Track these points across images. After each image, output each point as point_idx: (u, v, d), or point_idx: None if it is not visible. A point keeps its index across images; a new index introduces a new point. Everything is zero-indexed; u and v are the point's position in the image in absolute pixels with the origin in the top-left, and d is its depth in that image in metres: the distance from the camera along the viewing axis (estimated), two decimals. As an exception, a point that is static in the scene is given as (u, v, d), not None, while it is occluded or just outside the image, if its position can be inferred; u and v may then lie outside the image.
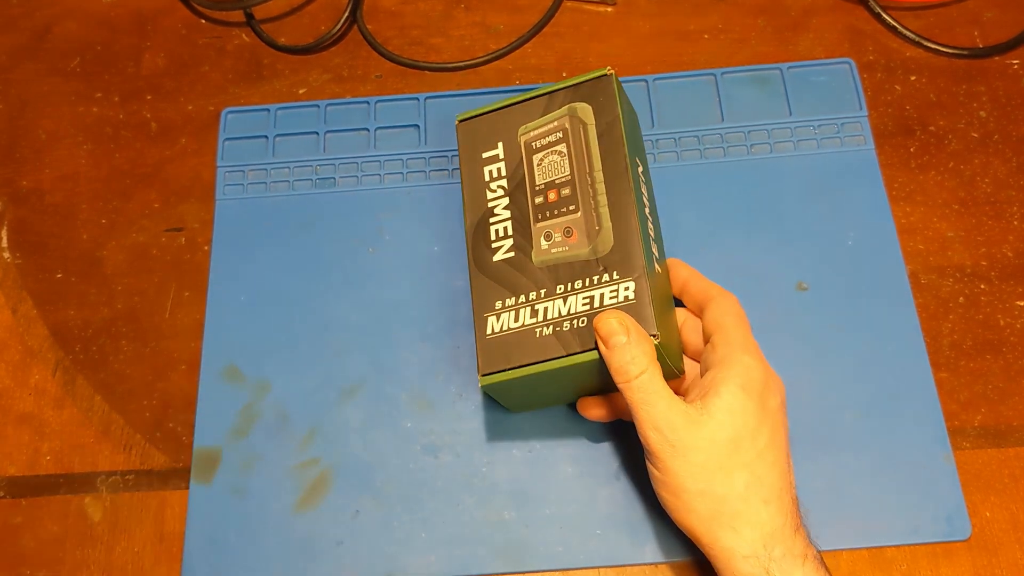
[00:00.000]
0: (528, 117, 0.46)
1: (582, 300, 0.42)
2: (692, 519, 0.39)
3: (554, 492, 0.46)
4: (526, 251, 0.44)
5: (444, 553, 0.45)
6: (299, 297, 0.51)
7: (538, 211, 0.44)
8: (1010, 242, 0.52)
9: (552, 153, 0.45)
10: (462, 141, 0.47)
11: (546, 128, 0.45)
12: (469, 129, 0.47)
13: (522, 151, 0.46)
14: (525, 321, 0.42)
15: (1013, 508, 0.46)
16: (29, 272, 0.53)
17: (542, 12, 0.59)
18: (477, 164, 0.46)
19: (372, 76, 0.58)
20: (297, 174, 0.55)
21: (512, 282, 0.43)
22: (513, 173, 0.45)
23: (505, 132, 0.46)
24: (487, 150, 0.46)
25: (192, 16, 0.61)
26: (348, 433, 0.48)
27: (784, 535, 0.38)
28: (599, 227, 0.43)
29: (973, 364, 0.49)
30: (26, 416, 0.50)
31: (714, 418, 0.38)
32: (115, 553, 0.47)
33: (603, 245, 0.42)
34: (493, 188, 0.46)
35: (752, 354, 0.40)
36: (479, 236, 0.45)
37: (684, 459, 0.38)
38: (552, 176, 0.44)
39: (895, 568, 0.45)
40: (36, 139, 0.57)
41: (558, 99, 0.46)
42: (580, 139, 0.44)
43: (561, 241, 0.43)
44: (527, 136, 0.46)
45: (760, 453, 0.39)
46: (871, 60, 0.57)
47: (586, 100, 0.45)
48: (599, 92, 0.45)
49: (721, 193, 0.53)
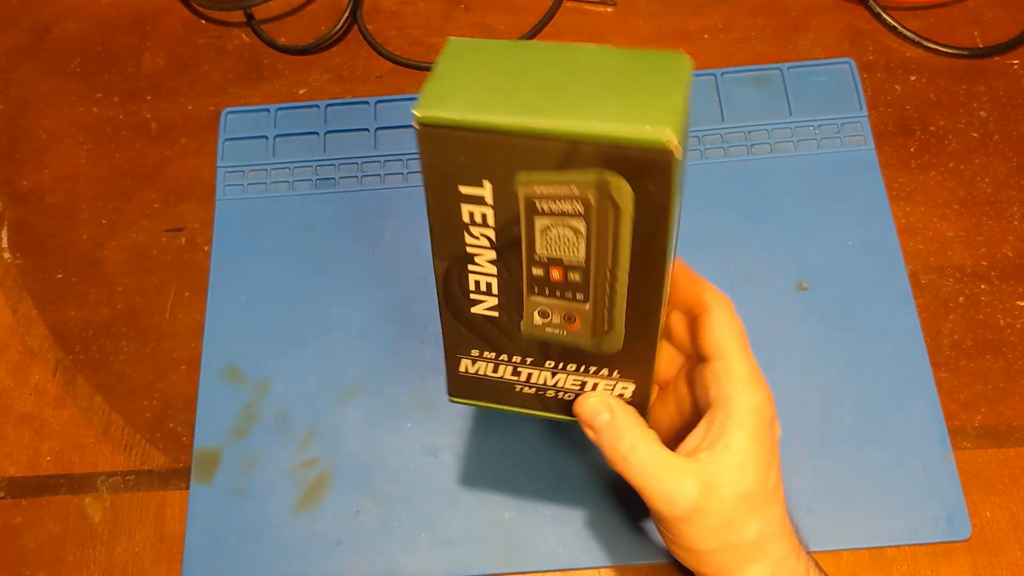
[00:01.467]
0: (535, 163, 0.30)
1: (573, 380, 0.37)
2: (704, 569, 0.38)
3: (554, 492, 0.46)
4: (513, 318, 0.35)
5: (444, 553, 0.45)
6: (299, 297, 0.51)
7: (535, 283, 0.34)
8: (1010, 242, 0.52)
9: (564, 227, 0.32)
10: (427, 161, 0.31)
11: (560, 191, 0.30)
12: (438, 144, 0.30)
13: (521, 207, 0.31)
14: (505, 376, 0.37)
15: (1013, 508, 0.46)
16: (29, 272, 0.53)
17: (542, 12, 0.59)
18: (451, 198, 0.32)
19: (372, 76, 0.58)
20: (297, 174, 0.55)
21: (493, 340, 0.36)
22: (504, 228, 0.32)
23: (495, 168, 0.30)
24: (467, 184, 0.31)
25: (192, 16, 0.61)
26: (348, 433, 0.48)
27: (789, 561, 0.38)
28: (608, 328, 0.34)
29: (973, 364, 0.49)
30: (26, 416, 0.50)
31: (727, 476, 0.36)
32: (115, 553, 0.47)
33: (609, 345, 0.35)
34: (475, 234, 0.33)
35: (759, 388, 0.37)
36: (453, 280, 0.35)
37: (698, 526, 0.37)
38: (560, 254, 0.33)
39: (895, 568, 0.45)
40: (36, 139, 0.57)
41: (584, 157, 0.29)
42: (607, 225, 0.31)
43: (559, 324, 0.35)
44: (529, 191, 0.31)
45: (768, 497, 0.38)
46: (871, 60, 0.57)
47: (626, 174, 0.29)
48: (647, 174, 0.29)
49: (721, 193, 0.53)
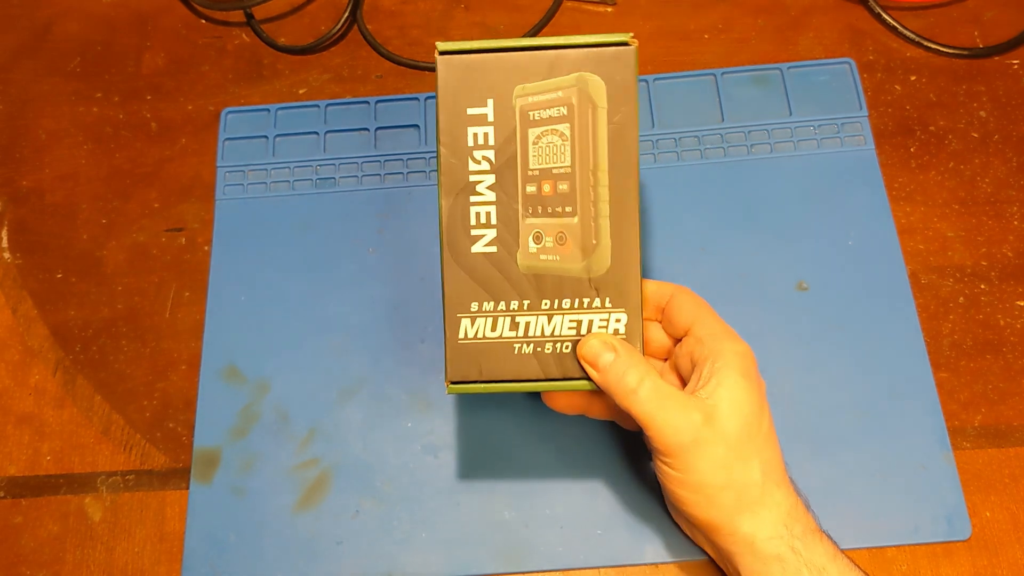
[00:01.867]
0: (527, 74, 0.38)
1: (568, 322, 0.39)
2: (713, 512, 0.39)
3: (554, 492, 0.46)
4: (510, 249, 0.39)
5: (444, 553, 0.45)
6: (299, 297, 0.51)
7: (529, 203, 0.39)
8: (1010, 242, 0.52)
9: (552, 133, 0.38)
10: (444, 84, 0.38)
11: (548, 97, 0.38)
12: (454, 69, 0.38)
13: (516, 120, 0.38)
14: (503, 333, 0.39)
15: (1013, 508, 0.46)
16: (29, 272, 0.53)
17: (542, 12, 0.59)
18: (460, 121, 0.38)
19: (372, 76, 0.58)
20: (297, 174, 0.55)
21: (492, 283, 0.39)
22: (503, 145, 0.38)
23: (498, 87, 0.38)
24: (474, 105, 0.38)
25: (192, 16, 0.61)
26: (348, 433, 0.48)
27: (799, 512, 0.39)
28: (596, 242, 0.38)
29: (973, 364, 0.49)
30: (26, 416, 0.50)
31: (725, 409, 0.38)
32: (115, 553, 0.47)
33: (598, 264, 0.39)
34: (477, 158, 0.38)
35: (738, 341, 0.40)
36: (457, 217, 0.39)
37: (706, 455, 0.38)
38: (550, 163, 0.38)
39: (895, 568, 0.45)
40: (36, 139, 0.57)
41: (566, 61, 0.38)
42: (588, 123, 0.38)
43: (552, 248, 0.39)
44: (524, 101, 0.38)
45: (766, 437, 0.39)
46: (871, 60, 0.57)
47: (599, 72, 0.38)
48: (616, 66, 0.38)
49: (721, 193, 0.53)
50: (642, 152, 0.54)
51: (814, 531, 0.39)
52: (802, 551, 0.38)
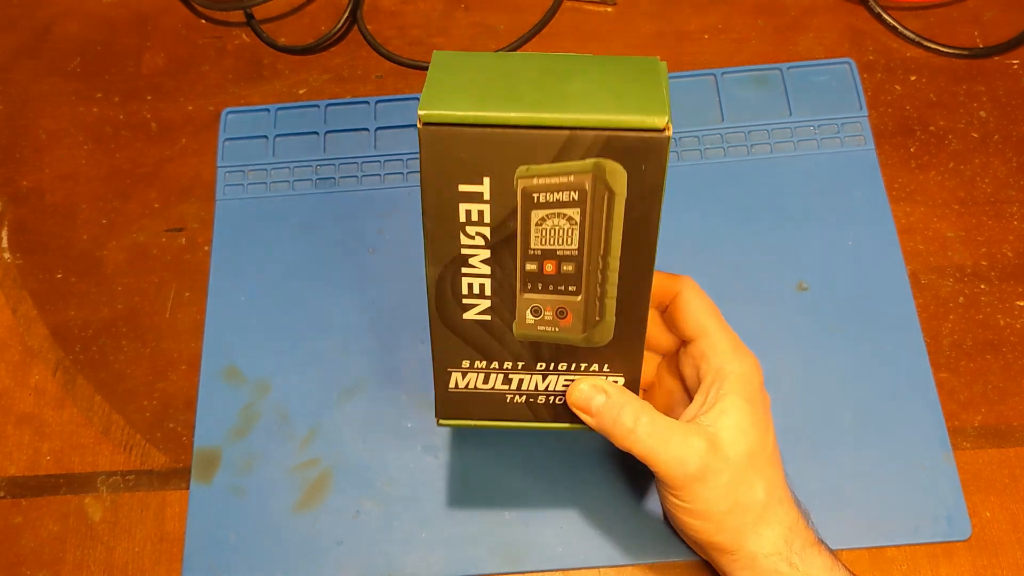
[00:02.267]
0: (532, 155, 0.32)
1: (564, 381, 0.38)
2: (719, 536, 0.39)
3: (554, 492, 0.46)
4: (505, 319, 0.36)
5: (444, 553, 0.45)
6: (299, 297, 0.51)
7: (528, 279, 0.35)
8: (1010, 242, 0.52)
9: (559, 216, 0.33)
10: (428, 159, 0.32)
11: (558, 181, 0.32)
12: (440, 142, 0.32)
13: (518, 201, 0.33)
14: (496, 386, 0.38)
15: (1013, 508, 0.46)
16: (29, 272, 0.53)
17: (542, 12, 0.59)
18: (449, 197, 0.33)
19: (372, 76, 0.58)
20: (297, 174, 0.55)
21: (485, 347, 0.37)
22: (501, 224, 0.34)
23: (496, 165, 0.32)
24: (466, 183, 0.33)
25: (192, 16, 0.61)
26: (348, 433, 0.48)
27: (800, 527, 0.39)
28: (600, 318, 0.36)
29: (973, 364, 0.49)
30: (26, 416, 0.50)
31: (728, 436, 0.38)
32: (115, 553, 0.47)
33: (600, 336, 0.37)
34: (470, 233, 0.34)
35: (744, 356, 0.40)
36: (446, 286, 0.36)
37: (711, 484, 0.38)
38: (554, 245, 0.34)
39: (895, 568, 0.45)
40: (36, 139, 0.57)
41: (582, 144, 0.31)
42: (602, 211, 0.33)
43: (551, 321, 0.36)
44: (528, 183, 0.33)
45: (769, 458, 0.39)
46: (871, 60, 0.57)
47: (621, 159, 0.32)
48: (642, 156, 0.32)
49: (721, 193, 0.53)
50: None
51: (813, 544, 0.39)
52: (799, 565, 0.38)
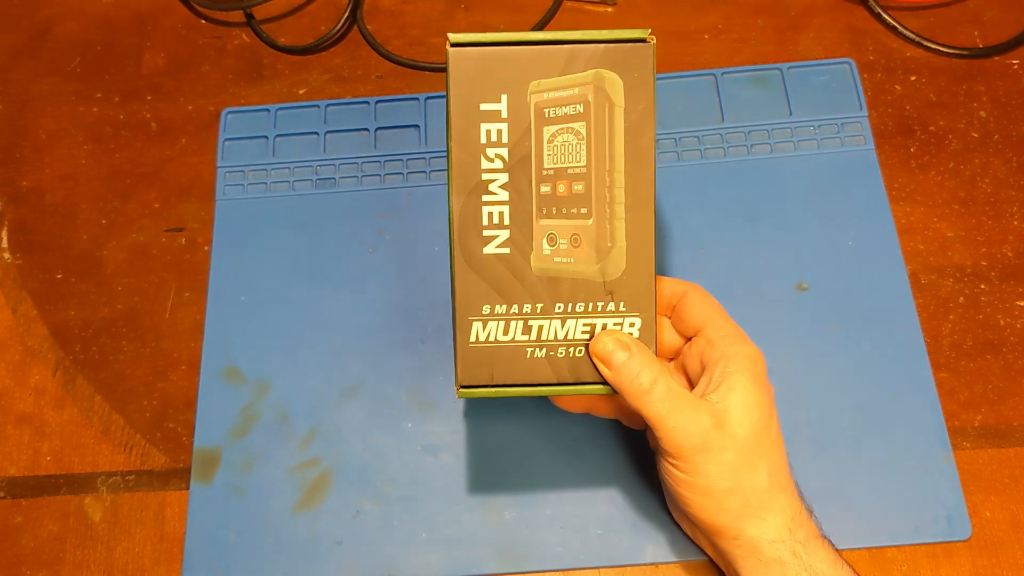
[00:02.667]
0: (542, 70, 0.37)
1: (582, 327, 0.38)
2: (720, 516, 0.39)
3: (554, 492, 0.46)
4: (523, 251, 0.38)
5: (444, 553, 0.45)
6: (299, 297, 0.51)
7: (543, 203, 0.37)
8: (1010, 242, 0.52)
9: (568, 131, 0.37)
10: (456, 78, 0.37)
11: (565, 94, 0.37)
12: (467, 62, 0.37)
13: (531, 117, 0.37)
14: (516, 337, 0.38)
15: (1013, 508, 0.46)
16: (29, 272, 0.53)
17: (542, 12, 0.59)
18: (472, 117, 0.37)
19: (372, 76, 0.58)
20: (297, 174, 0.55)
21: (504, 286, 0.38)
22: (517, 143, 0.37)
23: (512, 82, 0.37)
24: (487, 101, 0.37)
25: (192, 16, 0.61)
26: (348, 433, 0.48)
27: (803, 518, 0.39)
28: (611, 244, 0.37)
29: (973, 364, 0.49)
30: (26, 416, 0.50)
31: (735, 414, 0.38)
32: (115, 553, 0.47)
33: (613, 267, 0.38)
34: (490, 156, 0.37)
35: (748, 344, 0.40)
36: (468, 217, 0.37)
37: (715, 459, 0.38)
38: (565, 162, 0.37)
39: (895, 568, 0.45)
40: (36, 139, 0.57)
41: (582, 57, 0.37)
42: (604, 123, 0.37)
43: (567, 250, 0.38)
44: (539, 98, 0.37)
45: (773, 442, 0.39)
46: (871, 60, 0.57)
47: (616, 69, 0.37)
48: (634, 63, 0.37)
49: (721, 193, 0.53)
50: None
51: (816, 536, 0.39)
52: (803, 555, 0.38)
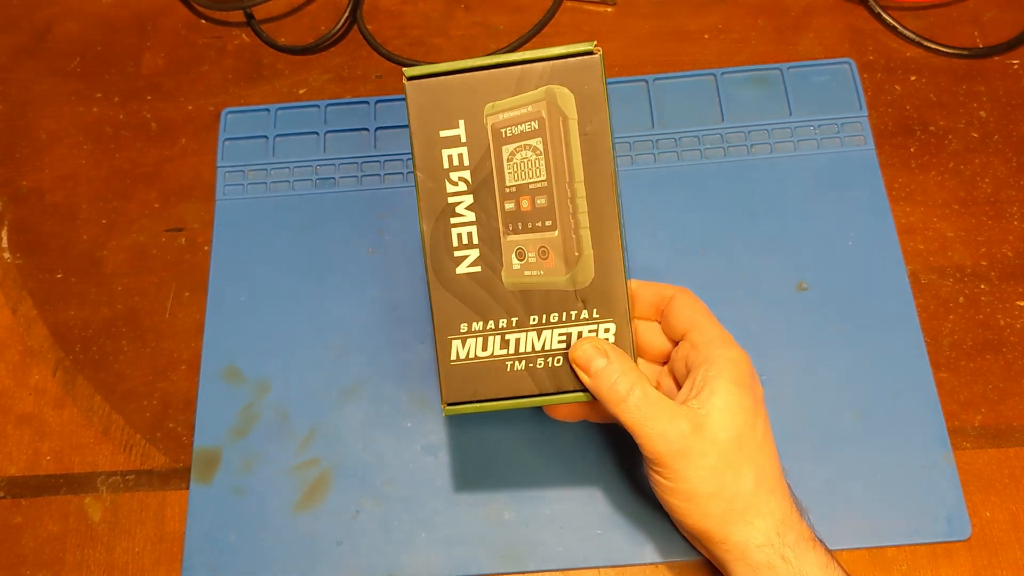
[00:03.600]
0: (496, 92, 0.38)
1: (558, 336, 0.39)
2: (705, 521, 0.39)
3: (554, 492, 0.46)
4: (495, 268, 0.39)
5: (444, 553, 0.45)
6: (299, 297, 0.51)
7: (509, 220, 0.39)
8: (1010, 242, 0.52)
9: (525, 148, 0.38)
10: (414, 109, 0.39)
11: (519, 113, 0.38)
12: (423, 94, 0.39)
13: (489, 138, 0.38)
14: (495, 352, 0.39)
15: (1013, 508, 0.46)
16: (29, 272, 0.53)
17: (542, 12, 0.59)
18: (433, 145, 0.39)
19: (372, 76, 0.58)
20: (297, 174, 0.55)
21: (479, 303, 0.39)
22: (478, 165, 0.39)
23: (467, 107, 0.38)
24: (446, 128, 0.39)
25: (192, 16, 0.61)
26: (348, 433, 0.48)
27: (793, 521, 0.39)
28: (579, 253, 0.39)
29: (973, 364, 0.49)
30: (26, 416, 0.50)
31: (716, 418, 0.38)
32: (115, 553, 0.47)
33: (583, 275, 0.39)
34: (454, 180, 0.39)
35: (733, 347, 0.40)
36: (439, 241, 0.39)
37: (696, 464, 0.38)
38: (526, 178, 0.38)
39: (895, 568, 0.45)
40: (36, 139, 0.57)
41: (533, 76, 0.38)
42: (559, 136, 0.38)
43: (536, 263, 0.39)
44: (495, 119, 0.38)
45: (759, 445, 0.39)
46: (871, 60, 0.57)
47: (567, 84, 0.38)
48: (583, 76, 0.38)
49: (721, 193, 0.53)
50: (642, 152, 0.54)
51: (807, 539, 0.39)
52: (792, 560, 0.38)
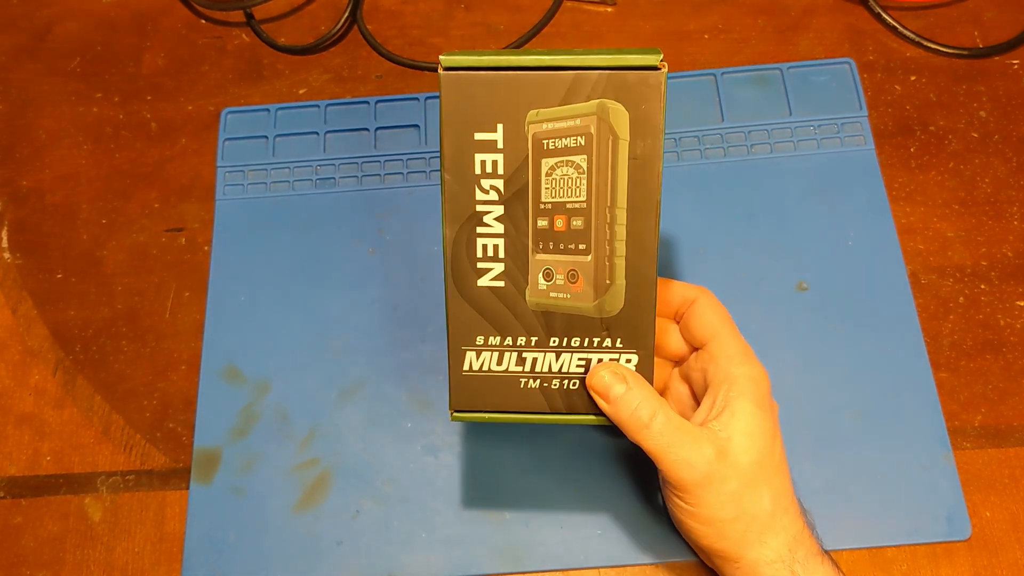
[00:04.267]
0: (543, 98, 0.34)
1: (577, 360, 0.37)
2: (722, 543, 0.39)
3: (554, 492, 0.46)
4: (518, 284, 0.37)
5: (444, 553, 0.45)
6: (299, 297, 0.51)
7: (540, 238, 0.36)
8: (1010, 242, 0.52)
9: (568, 164, 0.35)
10: (449, 104, 0.35)
11: (565, 125, 0.35)
12: (459, 88, 0.35)
13: (529, 148, 0.35)
14: (510, 368, 0.37)
15: (1013, 508, 0.46)
16: (29, 272, 0.53)
17: (542, 12, 0.59)
18: (466, 147, 0.35)
19: (372, 76, 0.58)
20: (297, 174, 0.55)
21: (499, 319, 0.37)
22: (514, 175, 0.35)
23: (509, 110, 0.35)
24: (482, 130, 0.35)
25: (192, 16, 0.61)
26: (348, 433, 0.48)
27: (804, 537, 0.39)
28: (610, 281, 0.36)
29: (973, 364, 0.49)
30: (26, 416, 0.50)
31: (738, 442, 0.38)
32: (115, 553, 0.47)
33: (611, 304, 0.37)
34: (485, 187, 0.36)
35: (753, 363, 0.40)
36: (462, 249, 0.36)
37: (718, 490, 0.38)
38: (564, 197, 0.36)
39: (895, 568, 0.45)
40: (36, 139, 0.57)
41: (586, 85, 0.34)
42: (607, 157, 0.35)
43: (563, 286, 0.37)
44: (538, 128, 0.35)
45: (777, 466, 0.39)
46: (871, 60, 0.57)
47: (622, 100, 0.34)
48: (642, 93, 0.34)
49: (721, 193, 0.53)
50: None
51: (816, 554, 0.39)
52: (801, 573, 0.38)
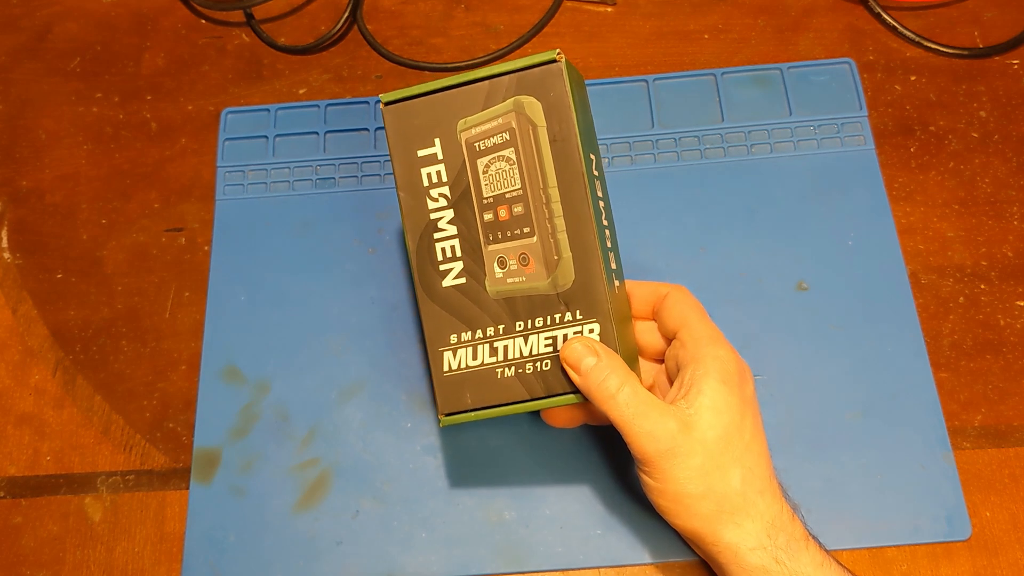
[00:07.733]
0: (467, 108, 0.40)
1: (544, 340, 0.39)
2: (694, 522, 0.39)
3: (554, 492, 0.46)
4: (478, 278, 0.40)
5: (444, 553, 0.45)
6: (299, 297, 0.51)
7: (488, 230, 0.40)
8: (1010, 242, 0.52)
9: (499, 159, 0.40)
10: (392, 132, 0.41)
11: (490, 126, 0.40)
12: (399, 116, 0.41)
13: (464, 152, 0.40)
14: (484, 360, 0.40)
15: (1013, 508, 0.46)
16: (29, 272, 0.53)
17: (542, 12, 0.59)
18: (412, 165, 0.41)
19: (372, 76, 0.58)
20: (297, 174, 0.55)
21: (466, 313, 0.40)
22: (456, 179, 0.40)
23: (442, 125, 0.40)
24: (423, 147, 0.41)
25: (192, 16, 0.61)
26: (348, 433, 0.48)
27: (783, 522, 0.39)
28: (558, 256, 0.39)
29: (973, 364, 0.49)
30: (26, 416, 0.50)
31: (704, 417, 0.38)
32: (115, 553, 0.47)
33: (563, 278, 0.39)
34: (434, 196, 0.41)
35: (722, 345, 0.40)
36: (424, 255, 0.41)
37: (683, 464, 0.38)
38: (502, 188, 0.40)
39: (895, 568, 0.45)
40: (36, 139, 0.57)
41: (501, 88, 0.40)
42: (530, 144, 0.39)
43: (517, 270, 0.40)
44: (468, 134, 0.40)
45: (747, 445, 0.39)
46: (871, 60, 0.57)
47: (533, 93, 0.39)
48: (548, 84, 0.39)
49: (721, 193, 0.53)
50: (642, 152, 0.54)
51: (800, 539, 0.38)
52: (786, 561, 0.38)
